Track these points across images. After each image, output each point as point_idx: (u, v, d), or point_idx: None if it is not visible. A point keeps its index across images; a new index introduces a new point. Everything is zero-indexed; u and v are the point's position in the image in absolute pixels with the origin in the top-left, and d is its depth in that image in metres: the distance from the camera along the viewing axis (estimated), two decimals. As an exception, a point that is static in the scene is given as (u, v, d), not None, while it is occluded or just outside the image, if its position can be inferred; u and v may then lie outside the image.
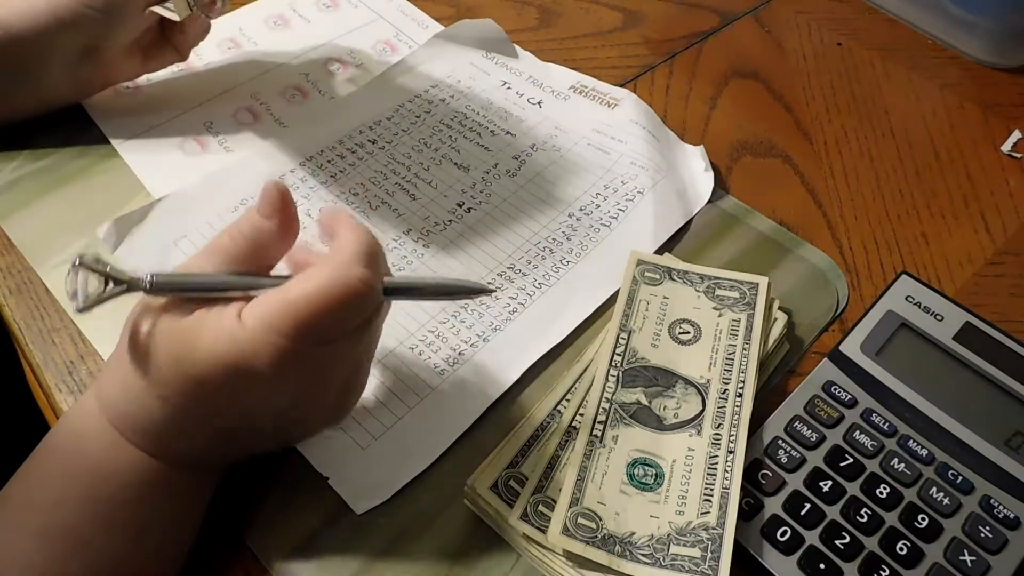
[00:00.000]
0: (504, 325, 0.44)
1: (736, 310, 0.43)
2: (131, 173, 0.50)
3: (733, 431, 0.39)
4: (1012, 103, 0.57)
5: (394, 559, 0.37)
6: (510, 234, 0.48)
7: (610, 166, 0.52)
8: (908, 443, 0.39)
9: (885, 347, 0.42)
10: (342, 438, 0.40)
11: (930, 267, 0.48)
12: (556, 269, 0.47)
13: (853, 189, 0.52)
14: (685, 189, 0.51)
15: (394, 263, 0.47)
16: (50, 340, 0.43)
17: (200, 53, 0.57)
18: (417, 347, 0.43)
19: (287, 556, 0.36)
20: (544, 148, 0.53)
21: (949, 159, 0.54)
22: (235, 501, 0.38)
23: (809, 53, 0.61)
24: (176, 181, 0.49)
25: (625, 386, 0.41)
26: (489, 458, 0.39)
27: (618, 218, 0.49)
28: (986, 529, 0.36)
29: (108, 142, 0.51)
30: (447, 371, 0.42)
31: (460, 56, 0.59)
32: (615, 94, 0.56)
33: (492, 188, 0.51)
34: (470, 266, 0.47)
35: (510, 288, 0.46)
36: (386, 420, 0.40)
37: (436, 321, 0.44)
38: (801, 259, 0.48)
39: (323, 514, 0.38)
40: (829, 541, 0.36)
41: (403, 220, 0.49)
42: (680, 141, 0.55)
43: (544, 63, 0.59)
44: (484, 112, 0.55)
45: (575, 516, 0.36)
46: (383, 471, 0.39)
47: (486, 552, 0.37)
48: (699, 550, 0.35)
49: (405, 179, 0.51)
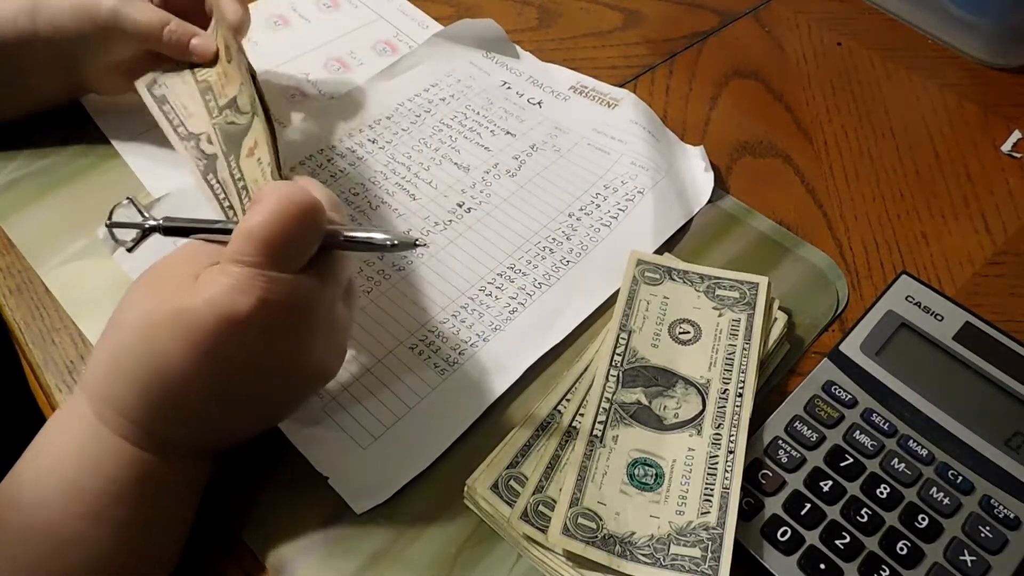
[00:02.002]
0: (504, 325, 0.44)
1: (736, 310, 0.43)
2: (131, 173, 0.50)
3: (733, 431, 0.39)
4: (1012, 103, 0.57)
5: (394, 559, 0.37)
6: (510, 234, 0.48)
7: (610, 166, 0.52)
8: (908, 443, 0.39)
9: (885, 347, 0.42)
10: (342, 438, 0.40)
11: (930, 267, 0.48)
12: (556, 269, 0.47)
13: (853, 189, 0.52)
14: (685, 189, 0.51)
15: (394, 262, 0.47)
16: (50, 340, 0.43)
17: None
18: (417, 347, 0.43)
19: (287, 556, 0.36)
20: (544, 148, 0.53)
21: (949, 159, 0.54)
22: (235, 501, 0.38)
23: (809, 53, 0.61)
24: (176, 181, 0.49)
25: (625, 386, 0.41)
26: (489, 458, 0.39)
27: (618, 218, 0.49)
28: (986, 529, 0.36)
29: (108, 142, 0.51)
30: (447, 371, 0.42)
31: (460, 56, 0.59)
32: (615, 94, 0.56)
33: (492, 188, 0.51)
34: (470, 266, 0.47)
35: (510, 288, 0.46)
36: (386, 420, 0.40)
37: (436, 321, 0.44)
38: (801, 259, 0.48)
39: (323, 514, 0.38)
40: (829, 541, 0.36)
41: (403, 220, 0.49)
42: (680, 141, 0.55)
43: (544, 63, 0.59)
44: (484, 112, 0.55)
45: (575, 516, 0.36)
46: (383, 471, 0.39)
47: (486, 552, 0.37)
48: (699, 550, 0.35)
49: (405, 179, 0.51)
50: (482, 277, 0.46)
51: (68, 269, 0.45)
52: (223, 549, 0.37)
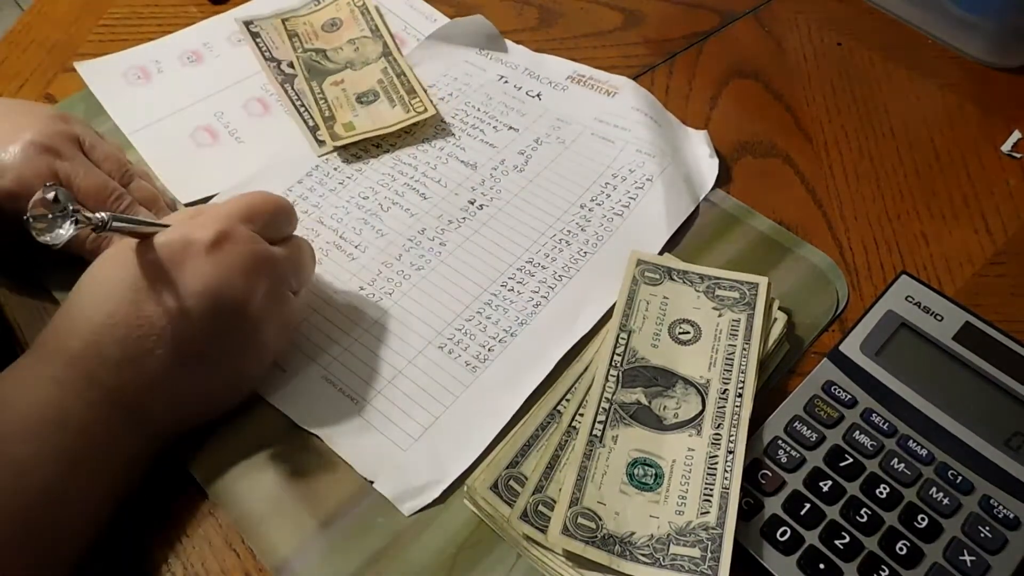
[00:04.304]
0: (530, 319, 0.44)
1: (736, 310, 0.43)
2: (144, 162, 0.51)
3: (733, 431, 0.39)
4: (1012, 103, 0.57)
5: (394, 559, 0.37)
6: (525, 228, 0.49)
7: (616, 155, 0.52)
8: (908, 443, 0.39)
9: (885, 347, 0.42)
10: (382, 442, 0.40)
11: (930, 267, 0.48)
12: (575, 260, 0.47)
13: (853, 189, 0.52)
14: (691, 175, 0.52)
15: (412, 262, 0.47)
16: (50, 340, 0.43)
17: (211, 46, 0.59)
18: (446, 346, 0.43)
19: (287, 556, 0.36)
20: (548, 141, 0.53)
21: (949, 159, 0.54)
22: (234, 502, 0.38)
23: (809, 53, 0.61)
24: (187, 171, 0.50)
25: (625, 386, 0.41)
26: (489, 458, 0.39)
27: (630, 207, 0.50)
28: (986, 529, 0.36)
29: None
30: (479, 367, 0.43)
31: (454, 55, 0.59)
32: (613, 82, 0.56)
33: (502, 184, 0.51)
34: (489, 262, 0.47)
35: (531, 282, 0.46)
36: (424, 420, 0.41)
37: (462, 319, 0.44)
38: (801, 259, 0.48)
39: (323, 514, 0.38)
40: (829, 541, 0.36)
41: (417, 220, 0.49)
42: (682, 125, 0.55)
43: (538, 54, 0.59)
44: (484, 108, 0.55)
45: (575, 516, 0.36)
46: (427, 471, 0.39)
47: (486, 552, 0.37)
48: (699, 550, 0.35)
49: (413, 179, 0.51)
50: (502, 273, 0.46)
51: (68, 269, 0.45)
52: (224, 549, 0.37)
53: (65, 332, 0.36)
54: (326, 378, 0.42)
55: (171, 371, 0.36)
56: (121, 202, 0.44)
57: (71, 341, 0.35)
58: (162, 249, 0.36)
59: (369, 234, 0.48)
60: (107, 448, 0.35)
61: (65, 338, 0.36)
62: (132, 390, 0.36)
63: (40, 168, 0.42)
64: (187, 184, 0.50)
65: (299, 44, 0.59)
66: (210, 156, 0.52)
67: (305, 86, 0.56)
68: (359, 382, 0.42)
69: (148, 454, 0.37)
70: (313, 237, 0.48)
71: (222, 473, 0.39)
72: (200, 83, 0.56)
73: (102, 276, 0.37)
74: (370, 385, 0.42)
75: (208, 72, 0.57)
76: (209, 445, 0.39)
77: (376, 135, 0.52)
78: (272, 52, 0.58)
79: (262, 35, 0.59)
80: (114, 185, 0.44)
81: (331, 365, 0.43)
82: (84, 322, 0.35)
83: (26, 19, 0.61)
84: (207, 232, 0.37)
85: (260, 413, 0.41)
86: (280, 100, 0.55)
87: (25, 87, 0.56)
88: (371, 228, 0.49)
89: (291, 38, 0.59)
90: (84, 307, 0.36)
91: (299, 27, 0.60)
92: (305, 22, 0.60)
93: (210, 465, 0.39)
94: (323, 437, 0.40)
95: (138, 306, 0.35)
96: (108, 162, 0.45)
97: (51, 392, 0.34)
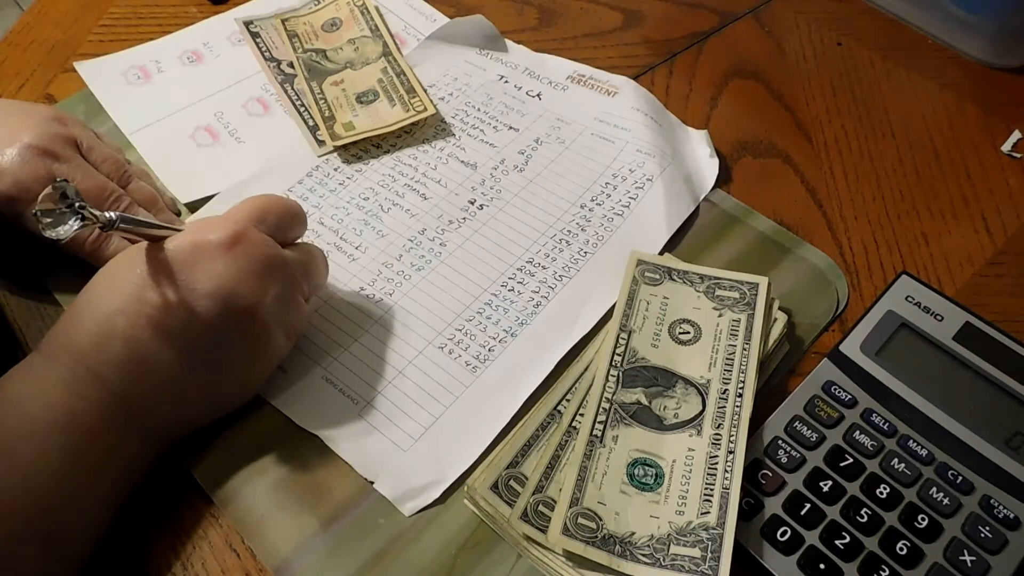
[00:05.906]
0: (530, 319, 0.44)
1: (736, 310, 0.43)
2: (143, 162, 0.51)
3: (733, 431, 0.39)
4: (1012, 103, 0.57)
5: (394, 559, 0.37)
6: (525, 228, 0.49)
7: (616, 155, 0.52)
8: (908, 443, 0.39)
9: (885, 347, 0.42)
10: (382, 442, 0.40)
11: (930, 267, 0.48)
12: (575, 260, 0.47)
13: (853, 189, 0.52)
14: (691, 175, 0.52)
15: (412, 263, 0.47)
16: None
17: (211, 46, 0.59)
18: (446, 346, 0.43)
19: (287, 557, 0.36)
20: (548, 141, 0.53)
21: (949, 159, 0.54)
22: (235, 502, 0.38)
23: (809, 53, 0.61)
24: (187, 171, 0.50)
25: (625, 386, 0.41)
26: (489, 458, 0.39)
27: (630, 207, 0.50)
28: (986, 529, 0.36)
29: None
30: (479, 367, 0.43)
31: (454, 55, 0.59)
32: (613, 82, 0.56)
33: (502, 184, 0.51)
34: (489, 262, 0.47)
35: (531, 282, 0.46)
36: (424, 421, 0.41)
37: (462, 319, 0.44)
38: (801, 259, 0.48)
39: (323, 515, 0.38)
40: (829, 541, 0.36)
41: (417, 220, 0.49)
42: (682, 124, 0.55)
43: (538, 54, 0.59)
44: (484, 108, 0.55)
45: (575, 516, 0.36)
46: (428, 471, 0.39)
47: (486, 552, 0.37)
48: (699, 550, 0.35)
49: (413, 179, 0.51)
50: (502, 273, 0.46)
51: (68, 269, 0.45)
52: (225, 550, 0.37)
53: (73, 330, 0.36)
54: (326, 379, 0.42)
55: (177, 373, 0.36)
56: (120, 203, 0.44)
57: (78, 339, 0.35)
58: (174, 250, 0.36)
59: (369, 235, 0.48)
60: (112, 449, 0.35)
61: (73, 335, 0.36)
62: (138, 391, 0.35)
63: (37, 171, 0.42)
64: (187, 184, 0.50)
65: (299, 44, 0.59)
66: (210, 156, 0.52)
67: (305, 86, 0.56)
68: (359, 383, 0.42)
69: (151, 455, 0.37)
70: (314, 238, 0.48)
71: (223, 473, 0.39)
72: (200, 83, 0.56)
73: (112, 275, 0.37)
74: (370, 386, 0.42)
75: (208, 72, 0.57)
76: (210, 446, 0.39)
77: (376, 134, 0.52)
78: (272, 52, 0.59)
79: (262, 35, 0.60)
80: (112, 187, 0.44)
81: (331, 366, 0.43)
82: (91, 320, 0.36)
83: (26, 19, 0.61)
84: (221, 233, 0.37)
85: (261, 414, 0.41)
86: (280, 100, 0.56)
87: (25, 87, 0.56)
88: (371, 229, 0.49)
89: (291, 38, 0.59)
90: (93, 305, 0.36)
91: (299, 27, 0.60)
92: (305, 22, 0.60)
93: (211, 465, 0.39)
94: (323, 438, 0.40)
95: (146, 305, 0.35)
96: (106, 164, 0.45)
97: (59, 394, 0.34)
